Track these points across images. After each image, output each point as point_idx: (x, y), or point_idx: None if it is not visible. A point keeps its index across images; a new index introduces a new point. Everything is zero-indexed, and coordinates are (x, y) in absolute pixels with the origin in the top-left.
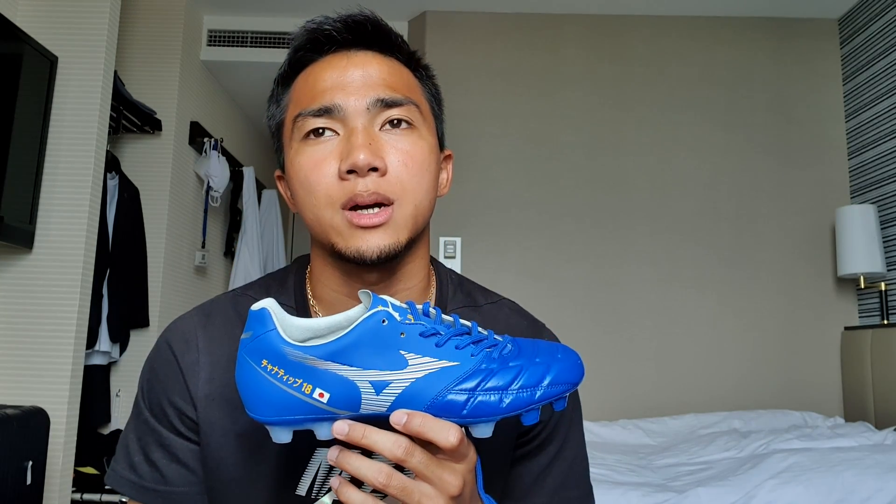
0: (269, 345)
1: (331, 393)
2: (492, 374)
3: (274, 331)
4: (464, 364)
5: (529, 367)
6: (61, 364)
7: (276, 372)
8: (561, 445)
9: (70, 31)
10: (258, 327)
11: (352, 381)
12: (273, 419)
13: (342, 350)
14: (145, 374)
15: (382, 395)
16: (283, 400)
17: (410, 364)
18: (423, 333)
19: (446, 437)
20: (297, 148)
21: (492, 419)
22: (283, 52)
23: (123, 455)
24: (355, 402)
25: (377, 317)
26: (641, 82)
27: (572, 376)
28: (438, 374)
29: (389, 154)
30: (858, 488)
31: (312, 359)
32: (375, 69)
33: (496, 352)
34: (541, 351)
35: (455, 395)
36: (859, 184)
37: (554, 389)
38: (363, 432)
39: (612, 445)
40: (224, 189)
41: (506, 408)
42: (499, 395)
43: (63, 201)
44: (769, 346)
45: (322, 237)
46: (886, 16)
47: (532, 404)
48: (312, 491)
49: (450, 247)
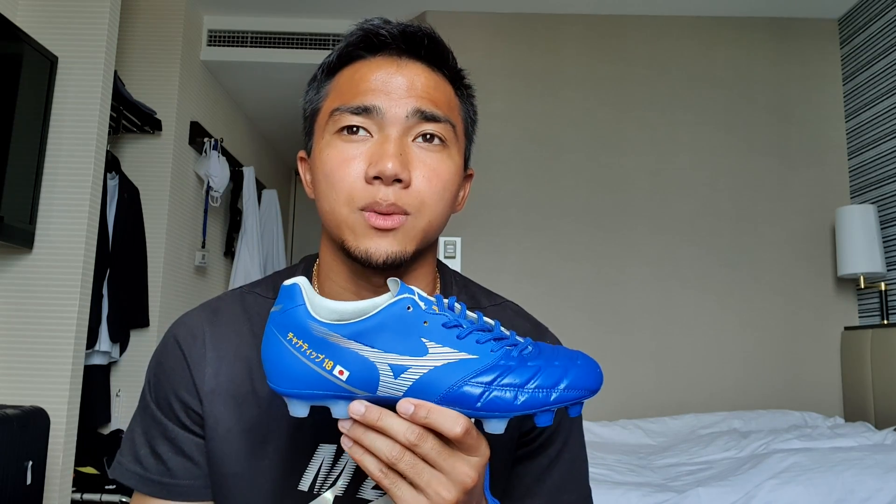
0: (297, 319)
1: (350, 371)
2: (509, 370)
3: (303, 306)
4: (483, 358)
5: (547, 369)
6: (61, 364)
7: (300, 346)
8: (561, 447)
9: (70, 31)
10: (288, 301)
11: (371, 362)
12: (293, 391)
13: (366, 331)
14: (152, 369)
15: (400, 378)
16: (304, 374)
17: (430, 352)
18: (445, 324)
19: (452, 426)
20: (328, 140)
21: (505, 416)
22: (284, 52)
23: (129, 448)
24: (373, 382)
25: (403, 303)
26: (641, 82)
27: (590, 383)
28: (457, 364)
29: (416, 168)
30: (858, 488)
31: (337, 336)
32: (421, 80)
33: (516, 351)
34: (560, 355)
35: (471, 388)
36: (859, 184)
37: (570, 393)
38: (379, 414)
39: (612, 445)
40: (224, 189)
41: (520, 405)
42: (514, 393)
43: (63, 201)
44: (769, 346)
45: (334, 231)
46: (886, 16)
47: (547, 406)
48: (315, 486)
49: (450, 247)
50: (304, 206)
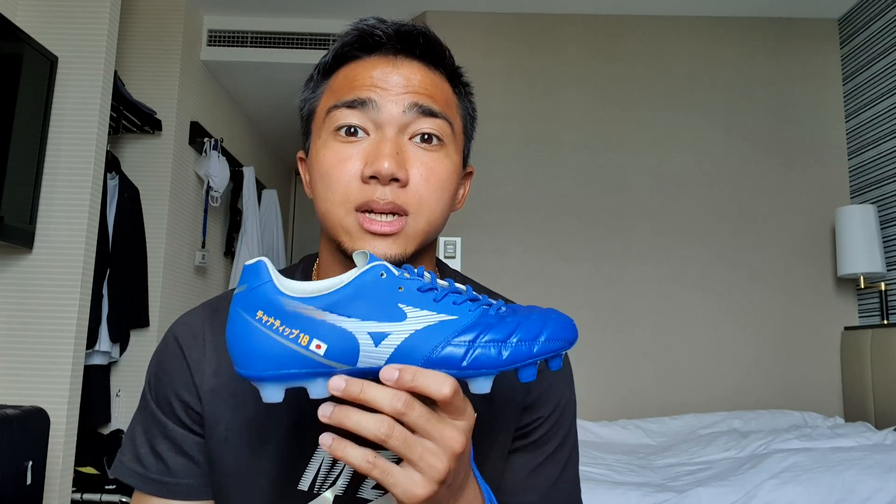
0: (265, 296)
1: (328, 344)
2: (489, 327)
3: (270, 282)
4: (462, 318)
5: (526, 323)
6: (61, 364)
7: (271, 323)
8: (557, 445)
9: (70, 31)
10: (253, 279)
11: (350, 333)
12: (265, 374)
13: (341, 301)
14: (152, 368)
15: (381, 346)
16: (277, 352)
17: (409, 316)
18: (420, 288)
19: (439, 388)
20: (324, 140)
21: (491, 372)
22: (283, 52)
23: (129, 446)
24: (353, 354)
25: (375, 270)
26: (641, 82)
27: (567, 334)
28: (437, 326)
29: (413, 167)
30: (858, 488)
31: (311, 308)
32: (418, 77)
33: (493, 309)
34: (534, 311)
35: (454, 348)
36: (859, 184)
37: (551, 345)
38: (361, 387)
39: (612, 445)
40: (224, 189)
41: (505, 360)
42: (497, 348)
43: (63, 201)
44: (769, 346)
45: (331, 232)
46: (886, 16)
47: (530, 358)
48: (315, 486)
49: (450, 247)
50: (304, 206)
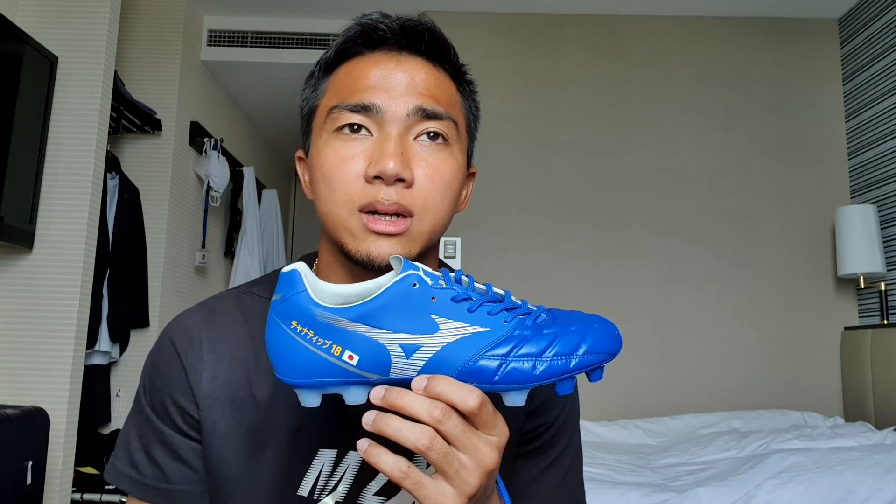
0: (300, 306)
1: (360, 355)
2: (525, 340)
3: (304, 292)
4: (496, 330)
5: (564, 335)
6: (61, 364)
7: (305, 333)
8: (562, 451)
9: (70, 31)
10: (288, 289)
11: (381, 344)
12: (302, 381)
13: (372, 312)
14: (147, 371)
15: (413, 358)
16: (312, 362)
17: (441, 328)
18: (454, 298)
19: (465, 399)
20: (326, 139)
21: (525, 387)
22: (283, 52)
23: (124, 451)
24: (385, 365)
25: (408, 280)
26: (641, 82)
27: (609, 346)
28: (470, 339)
29: (418, 167)
30: (858, 488)
31: (342, 320)
32: (422, 77)
33: (530, 319)
34: (576, 320)
35: (487, 361)
36: (859, 184)
37: (590, 359)
38: (398, 393)
39: (612, 445)
40: (224, 189)
41: (539, 375)
42: (532, 362)
43: (63, 201)
44: (769, 346)
45: (333, 233)
46: (886, 16)
47: (566, 373)
48: (314, 492)
49: (450, 247)
50: (304, 206)
